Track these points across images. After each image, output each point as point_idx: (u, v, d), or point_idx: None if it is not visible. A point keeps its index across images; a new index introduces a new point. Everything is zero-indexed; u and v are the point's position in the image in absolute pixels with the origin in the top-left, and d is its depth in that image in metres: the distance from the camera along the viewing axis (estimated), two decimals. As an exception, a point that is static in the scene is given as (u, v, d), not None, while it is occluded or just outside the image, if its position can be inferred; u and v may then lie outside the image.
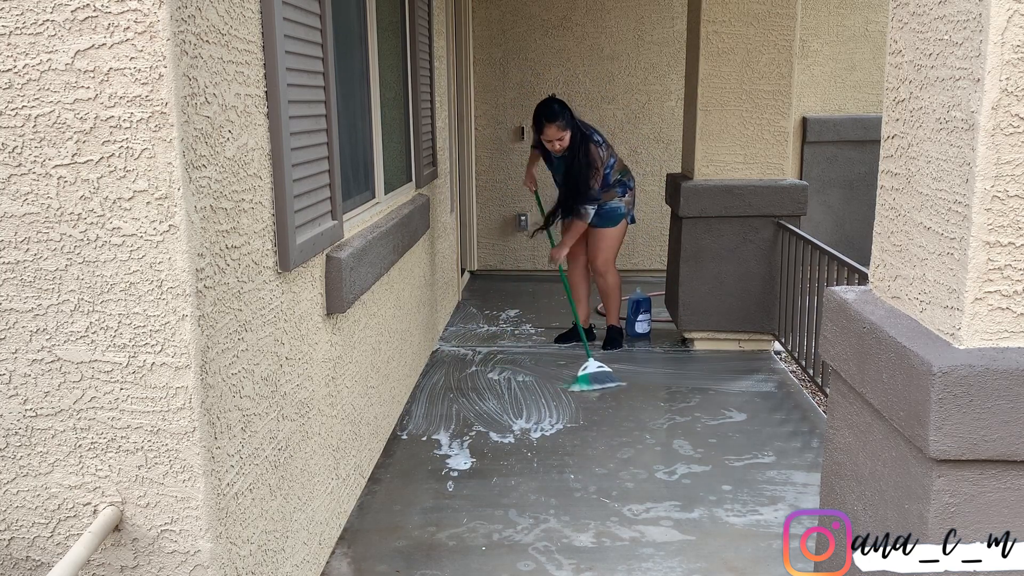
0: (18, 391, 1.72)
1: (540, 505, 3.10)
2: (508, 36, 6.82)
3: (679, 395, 4.23)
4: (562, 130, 4.60)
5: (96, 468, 1.75)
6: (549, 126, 4.60)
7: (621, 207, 4.83)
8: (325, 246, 2.55)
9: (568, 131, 4.62)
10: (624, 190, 4.83)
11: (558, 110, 4.61)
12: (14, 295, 1.68)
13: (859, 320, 1.60)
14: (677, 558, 2.74)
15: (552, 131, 4.60)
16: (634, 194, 4.92)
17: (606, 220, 4.80)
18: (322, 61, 2.53)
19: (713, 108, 4.69)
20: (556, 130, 4.60)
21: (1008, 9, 1.26)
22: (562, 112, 4.61)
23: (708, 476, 3.33)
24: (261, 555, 2.07)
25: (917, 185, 1.50)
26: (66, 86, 1.59)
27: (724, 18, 4.57)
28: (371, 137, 3.51)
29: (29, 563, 1.81)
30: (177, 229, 1.64)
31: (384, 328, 3.51)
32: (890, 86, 1.62)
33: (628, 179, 4.86)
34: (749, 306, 4.82)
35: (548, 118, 4.59)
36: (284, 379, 2.25)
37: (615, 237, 4.88)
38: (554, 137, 4.61)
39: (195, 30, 1.69)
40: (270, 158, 2.13)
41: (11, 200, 1.64)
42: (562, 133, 4.61)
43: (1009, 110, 1.28)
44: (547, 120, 4.60)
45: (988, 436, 1.32)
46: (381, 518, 3.02)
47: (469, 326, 5.48)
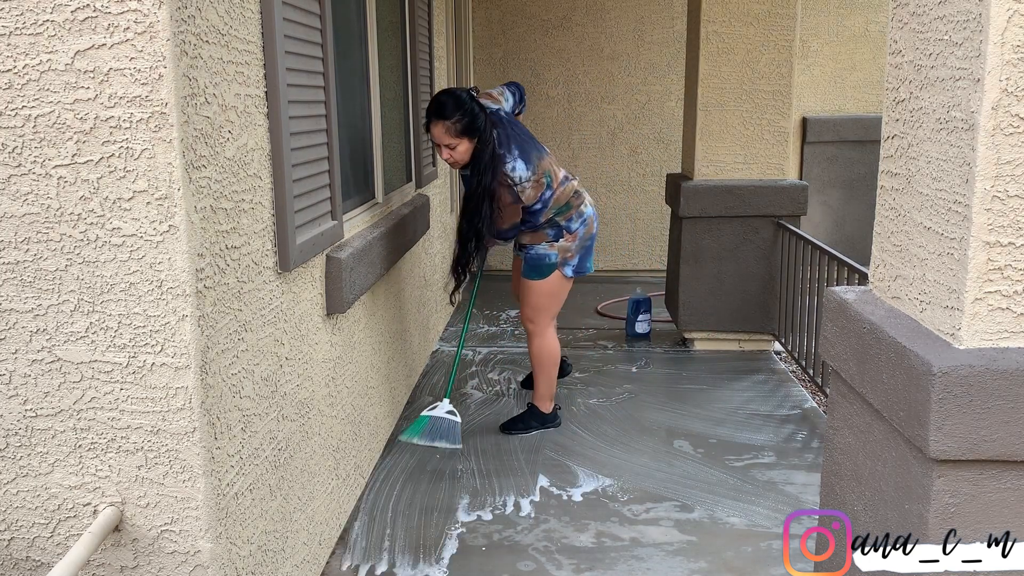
0: (18, 391, 1.73)
1: (540, 505, 3.10)
2: (508, 36, 6.82)
3: (679, 395, 4.23)
4: (454, 135, 3.26)
5: (96, 468, 1.75)
6: (436, 124, 3.28)
7: (551, 255, 3.52)
8: (325, 246, 2.55)
9: (466, 140, 3.28)
10: (558, 233, 3.50)
11: (456, 104, 3.26)
12: (14, 295, 1.68)
13: (859, 320, 1.60)
14: (677, 558, 2.74)
15: (439, 131, 3.28)
16: (580, 238, 3.56)
17: (531, 269, 3.58)
18: (322, 61, 2.53)
19: (713, 108, 4.69)
20: (444, 132, 3.26)
21: (1008, 9, 1.26)
22: (462, 109, 3.25)
23: (708, 476, 3.33)
24: (261, 555, 2.07)
25: (917, 185, 1.50)
26: (66, 86, 1.59)
27: (724, 18, 4.57)
28: (371, 137, 3.51)
29: (29, 563, 1.81)
30: (177, 229, 1.64)
31: (384, 328, 3.51)
32: (890, 86, 1.62)
33: (571, 220, 3.51)
34: (749, 306, 4.82)
35: (438, 112, 3.27)
36: (284, 379, 2.25)
37: (544, 293, 3.59)
38: (441, 141, 3.29)
39: (195, 30, 1.69)
40: (270, 158, 2.13)
41: (11, 200, 1.64)
42: (453, 140, 3.27)
43: (1009, 110, 1.28)
44: (435, 115, 3.28)
45: (988, 436, 1.32)
46: (381, 517, 3.02)
47: (469, 326, 5.47)
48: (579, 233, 3.53)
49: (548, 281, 3.57)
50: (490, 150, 3.29)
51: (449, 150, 3.31)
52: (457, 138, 3.26)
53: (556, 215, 3.48)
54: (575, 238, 3.53)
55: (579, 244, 3.55)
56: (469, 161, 3.34)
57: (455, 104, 3.25)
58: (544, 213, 3.45)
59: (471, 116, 3.26)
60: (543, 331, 3.67)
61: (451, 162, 3.35)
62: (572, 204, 3.50)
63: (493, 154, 3.30)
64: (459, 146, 3.28)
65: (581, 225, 3.53)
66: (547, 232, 3.51)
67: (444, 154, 3.34)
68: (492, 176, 3.29)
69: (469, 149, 3.30)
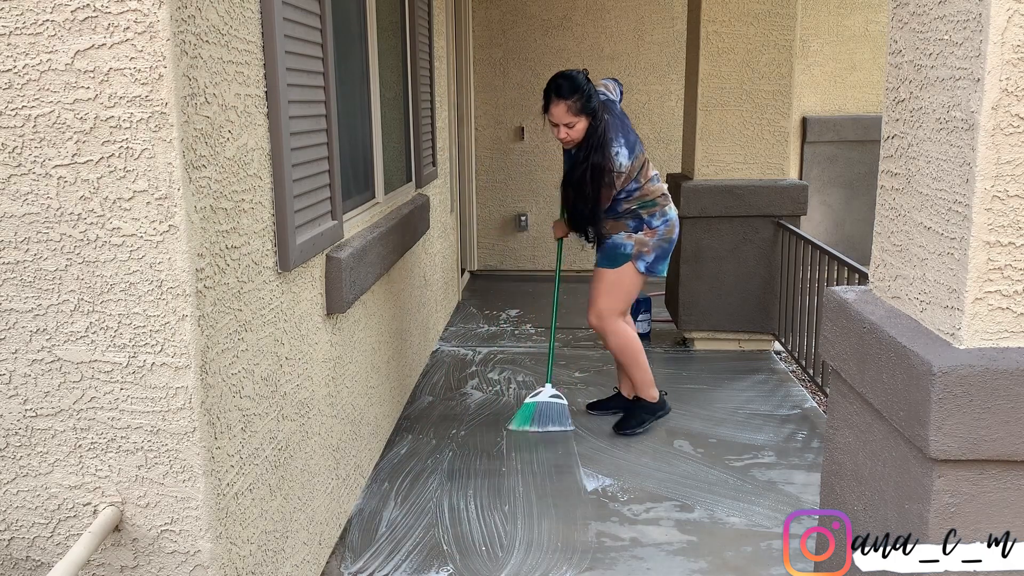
0: (18, 391, 1.72)
1: (540, 504, 3.10)
2: (508, 36, 6.82)
3: (679, 395, 4.23)
4: (574, 114, 3.43)
5: (96, 468, 1.75)
6: (557, 103, 3.44)
7: (627, 245, 3.56)
8: (325, 246, 2.55)
9: (584, 119, 3.44)
10: (638, 225, 3.57)
11: (574, 86, 3.43)
12: (14, 295, 1.68)
13: (859, 320, 1.60)
14: (677, 558, 2.74)
15: (560, 111, 3.44)
16: (660, 237, 3.58)
17: (603, 258, 3.64)
18: (322, 61, 2.53)
19: (713, 108, 4.69)
20: (565, 111, 3.44)
21: (1008, 9, 1.26)
22: (580, 90, 3.43)
23: (708, 476, 3.33)
24: (261, 555, 2.07)
25: (917, 185, 1.50)
26: (66, 86, 1.59)
27: (724, 18, 4.58)
28: (371, 137, 3.51)
29: (29, 563, 1.81)
30: (177, 229, 1.64)
31: (384, 328, 3.51)
32: (890, 86, 1.62)
33: (654, 216, 3.57)
34: (749, 306, 4.83)
35: (558, 92, 3.44)
36: (284, 379, 2.25)
37: (614, 283, 3.60)
38: (561, 120, 3.46)
39: (195, 30, 1.69)
40: (270, 158, 2.13)
41: (11, 200, 1.64)
42: (573, 118, 3.44)
43: (1009, 110, 1.28)
44: (556, 95, 3.45)
45: (988, 436, 1.32)
46: (382, 517, 3.02)
47: (469, 326, 5.48)
48: (659, 231, 3.58)
49: (619, 271, 3.59)
50: (601, 129, 3.45)
51: (567, 129, 3.45)
52: (576, 116, 3.43)
53: (640, 208, 3.55)
54: (654, 234, 3.57)
55: (656, 242, 3.57)
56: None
57: (574, 85, 3.43)
58: (626, 202, 3.53)
59: (588, 96, 3.44)
60: (614, 326, 3.65)
61: (566, 141, 3.50)
62: (658, 202, 3.58)
63: (604, 134, 3.44)
64: (577, 124, 3.44)
65: (663, 224, 3.58)
66: (627, 223, 3.57)
67: (561, 133, 3.48)
68: (602, 155, 3.43)
69: (585, 128, 3.45)
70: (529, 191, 7.01)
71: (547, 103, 3.49)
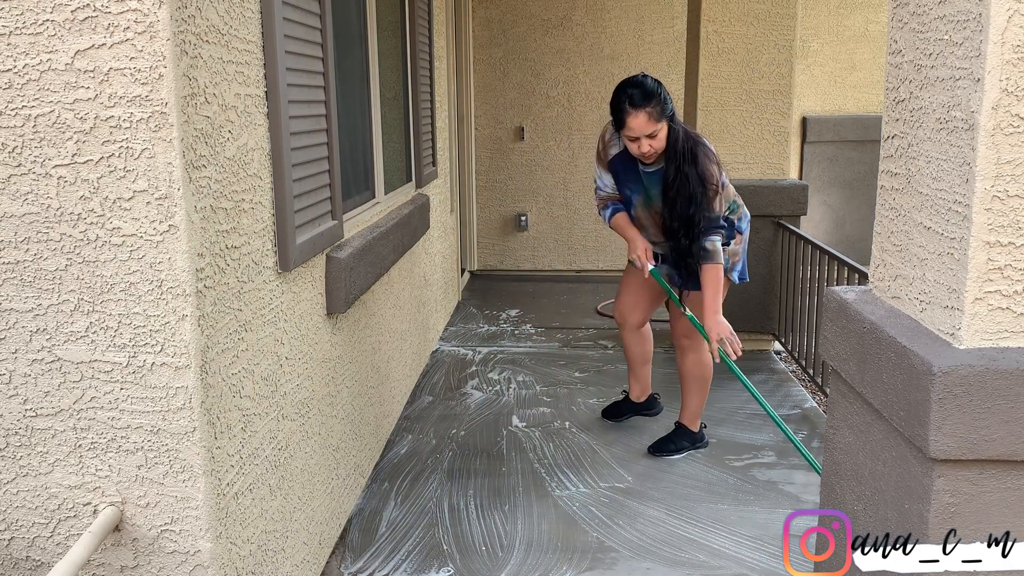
0: (18, 391, 1.73)
1: (540, 504, 3.10)
2: (508, 36, 6.82)
3: (679, 395, 4.22)
4: (655, 120, 2.96)
5: (96, 468, 1.75)
6: (636, 113, 2.94)
7: (724, 260, 3.18)
8: (325, 246, 2.55)
9: (666, 123, 3.00)
10: (731, 234, 3.23)
11: (647, 91, 2.96)
12: (14, 295, 1.68)
13: (859, 320, 1.60)
14: (678, 558, 2.74)
15: (640, 122, 2.95)
16: (745, 239, 3.35)
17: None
18: (322, 61, 2.53)
19: (713, 108, 4.69)
20: (647, 120, 2.95)
21: (1008, 9, 1.26)
22: (655, 94, 2.97)
23: (708, 476, 3.33)
24: (261, 555, 2.07)
25: (917, 185, 1.50)
26: (66, 86, 1.59)
27: (724, 18, 4.58)
28: (371, 137, 3.51)
29: (29, 563, 1.81)
30: (177, 229, 1.64)
31: (384, 328, 3.51)
32: (890, 86, 1.62)
33: (741, 219, 3.29)
34: (749, 306, 4.82)
35: (633, 102, 2.95)
36: (284, 379, 2.25)
37: None
38: (644, 131, 2.97)
39: (195, 30, 1.69)
40: (270, 158, 2.13)
41: (11, 200, 1.64)
42: (656, 126, 2.97)
43: (1009, 110, 1.28)
44: (631, 105, 2.95)
45: (988, 436, 1.32)
46: (382, 517, 3.02)
47: (469, 326, 5.48)
48: (746, 234, 3.34)
49: None
50: (681, 131, 3.06)
51: (650, 140, 3.00)
52: (658, 122, 2.98)
53: (730, 212, 3.22)
54: (742, 240, 3.31)
55: (744, 246, 3.35)
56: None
57: (647, 90, 2.98)
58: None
59: (664, 99, 3.01)
60: (700, 345, 3.39)
61: (650, 153, 3.03)
62: (739, 203, 3.28)
63: (686, 133, 3.06)
64: (660, 132, 3.00)
65: (747, 224, 3.34)
66: (722, 232, 3.15)
67: (644, 146, 3.00)
68: (692, 157, 3.02)
69: (664, 133, 3.02)
70: (529, 191, 7.01)
71: (622, 118, 2.99)
